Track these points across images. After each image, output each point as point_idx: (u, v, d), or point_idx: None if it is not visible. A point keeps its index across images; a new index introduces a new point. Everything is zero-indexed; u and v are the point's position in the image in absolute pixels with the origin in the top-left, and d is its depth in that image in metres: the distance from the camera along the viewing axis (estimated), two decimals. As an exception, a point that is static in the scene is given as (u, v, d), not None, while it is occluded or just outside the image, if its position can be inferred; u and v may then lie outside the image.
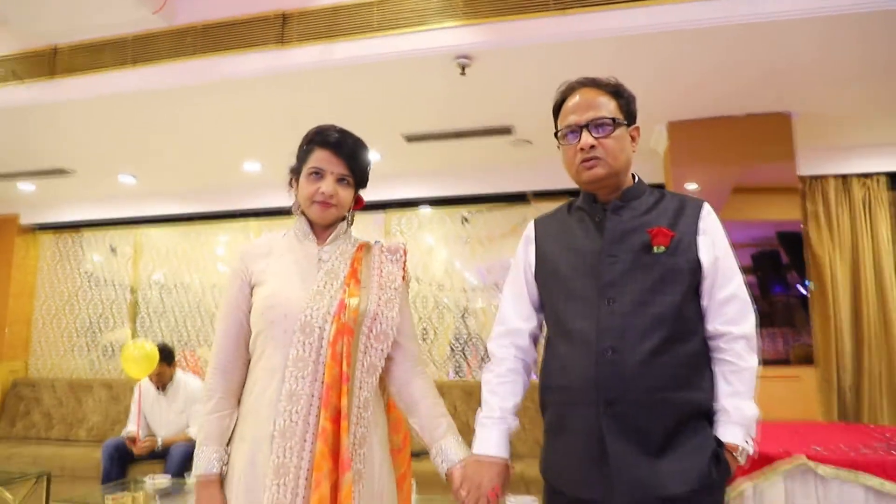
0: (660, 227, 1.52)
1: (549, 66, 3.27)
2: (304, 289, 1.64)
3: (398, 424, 1.81)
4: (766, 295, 4.11)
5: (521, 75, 3.40)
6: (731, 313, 1.53)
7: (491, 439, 1.59)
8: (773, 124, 3.88)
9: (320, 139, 1.70)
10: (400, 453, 1.80)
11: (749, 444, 1.49)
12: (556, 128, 1.66)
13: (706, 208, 1.58)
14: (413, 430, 1.75)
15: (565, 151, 1.62)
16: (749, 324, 1.54)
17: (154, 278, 5.84)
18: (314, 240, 1.74)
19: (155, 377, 4.39)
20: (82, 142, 4.41)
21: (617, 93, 1.61)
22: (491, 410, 1.62)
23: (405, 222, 5.38)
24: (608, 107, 1.58)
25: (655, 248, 1.51)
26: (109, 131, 4.19)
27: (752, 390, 1.52)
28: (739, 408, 1.49)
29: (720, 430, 1.49)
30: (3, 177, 5.10)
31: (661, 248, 1.51)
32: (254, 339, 1.65)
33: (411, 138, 4.32)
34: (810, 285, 4.22)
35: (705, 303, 1.54)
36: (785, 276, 4.10)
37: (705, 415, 1.51)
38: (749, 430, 1.50)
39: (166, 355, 4.41)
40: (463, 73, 3.14)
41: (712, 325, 1.54)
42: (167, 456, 4.24)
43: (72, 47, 3.52)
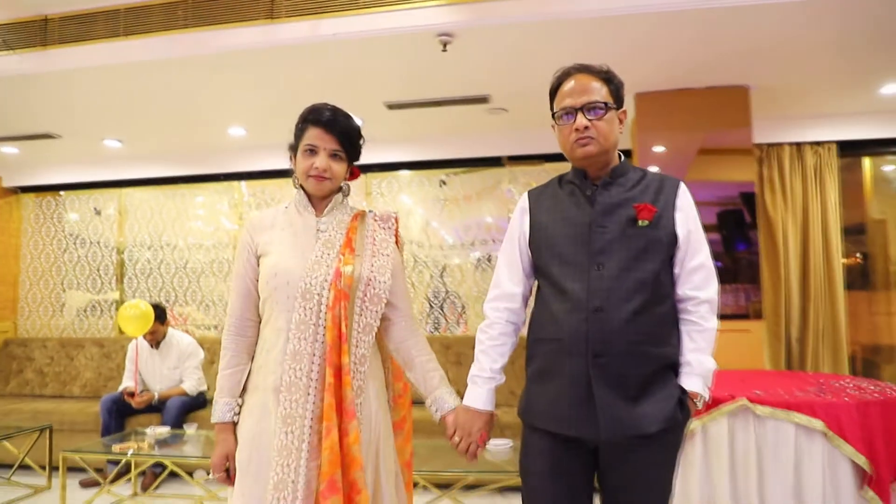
0: (644, 203, 1.69)
1: (525, 42, 3.46)
2: (303, 258, 1.78)
3: (398, 373, 1.99)
4: (729, 251, 4.37)
5: (499, 51, 3.57)
6: (698, 280, 1.72)
7: (481, 395, 1.80)
8: (732, 96, 4.15)
9: (313, 118, 1.82)
10: (401, 398, 2.00)
11: (706, 392, 1.71)
12: (551, 108, 1.81)
13: (682, 187, 1.76)
14: (410, 381, 1.95)
15: (561, 130, 1.77)
16: (713, 290, 1.74)
17: (139, 239, 5.95)
18: (313, 211, 1.88)
19: (149, 335, 4.57)
20: (70, 108, 4.46)
21: (608, 79, 1.76)
22: (482, 370, 1.82)
23: (385, 185, 5.57)
24: (601, 92, 1.72)
25: (640, 222, 1.67)
26: (98, 99, 4.26)
27: (712, 347, 1.73)
28: (701, 362, 1.70)
29: (684, 380, 1.70)
30: (-13, 140, 5.14)
31: (645, 222, 1.67)
32: (262, 304, 1.81)
33: (392, 106, 4.47)
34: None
35: (677, 270, 1.73)
36: (748, 234, 4.35)
37: (672, 367, 1.71)
38: (707, 381, 1.72)
39: (159, 314, 4.59)
40: (444, 50, 3.32)
41: (682, 289, 1.73)
42: (163, 409, 4.47)
43: (63, 17, 3.59)
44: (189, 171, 5.74)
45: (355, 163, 1.92)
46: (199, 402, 4.67)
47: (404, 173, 5.51)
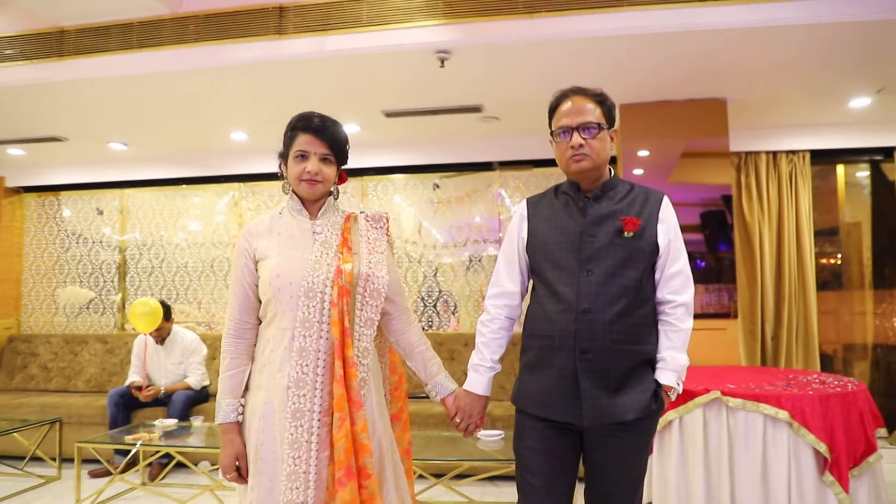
0: (630, 216, 1.86)
1: (517, 59, 3.67)
2: (303, 259, 1.84)
3: (394, 367, 2.11)
4: (712, 251, 4.58)
5: (492, 66, 3.79)
6: (676, 285, 1.91)
7: (481, 382, 2.01)
8: (710, 108, 4.39)
9: (303, 125, 1.88)
10: (396, 391, 2.11)
11: (679, 386, 1.91)
12: (549, 126, 1.98)
13: (665, 201, 1.93)
14: (410, 370, 2.07)
15: (558, 146, 1.94)
16: (689, 294, 1.92)
17: (141, 239, 6.10)
18: (307, 215, 1.94)
19: (154, 332, 4.77)
20: (79, 113, 4.61)
21: (602, 101, 1.93)
22: (483, 360, 2.02)
23: (381, 188, 5.77)
24: (595, 113, 1.90)
25: (626, 233, 1.84)
26: (107, 105, 4.42)
27: (686, 345, 1.92)
28: (675, 358, 1.89)
29: (659, 375, 1.89)
30: (-4, 143, 5.29)
31: (630, 234, 1.84)
32: (264, 306, 1.87)
33: (390, 114, 4.67)
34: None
35: (658, 276, 1.91)
36: (730, 236, 4.58)
37: (649, 362, 1.89)
38: (680, 376, 1.90)
39: (165, 311, 4.79)
40: (442, 66, 3.53)
41: (661, 293, 1.91)
42: (169, 403, 4.65)
43: (78, 29, 3.76)
44: (191, 172, 5.91)
45: (344, 167, 2.00)
46: (202, 395, 4.86)
47: (400, 177, 5.72)
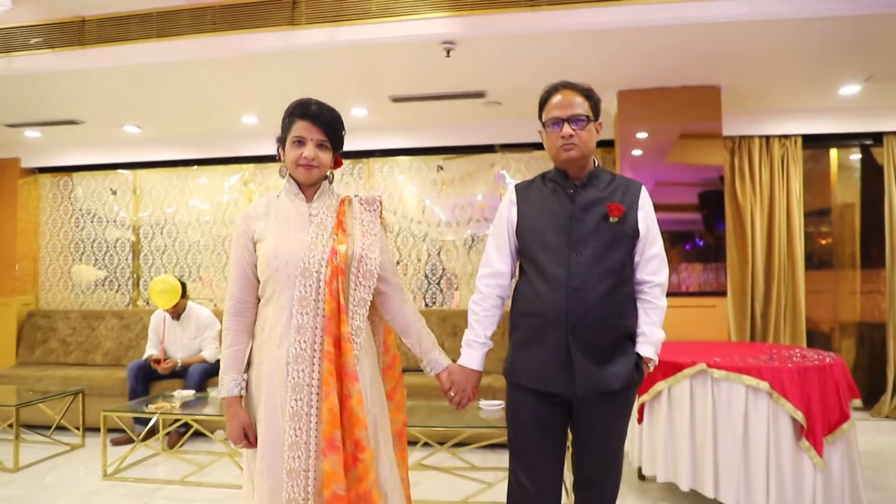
0: (615, 202, 2.00)
1: (520, 49, 3.84)
2: (300, 240, 1.91)
3: (387, 347, 2.16)
4: (710, 230, 4.76)
5: (495, 55, 3.96)
6: (653, 267, 2.06)
7: (475, 357, 2.12)
8: (704, 95, 4.57)
9: (301, 111, 1.93)
10: (390, 371, 2.16)
11: (656, 358, 2.07)
12: (540, 117, 2.10)
13: (643, 190, 2.08)
14: (405, 346, 2.14)
15: (549, 136, 2.06)
16: (665, 275, 2.08)
17: (153, 218, 6.29)
18: (303, 198, 2.00)
19: (171, 308, 5.01)
20: (97, 99, 4.78)
21: (589, 95, 2.06)
22: (476, 336, 2.13)
23: (387, 169, 5.95)
24: (583, 106, 2.02)
25: (611, 219, 1.98)
26: (125, 92, 4.59)
27: (662, 321, 2.08)
28: (654, 333, 2.05)
29: (640, 347, 2.05)
30: (14, 126, 5.45)
31: (615, 219, 1.99)
32: (263, 285, 1.93)
33: (397, 99, 4.83)
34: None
35: (637, 258, 2.06)
36: (724, 216, 4.73)
37: (630, 337, 2.05)
38: (657, 349, 2.07)
39: (181, 288, 5.02)
40: (448, 56, 3.70)
41: (640, 274, 2.06)
42: (185, 375, 4.89)
43: (99, 19, 3.92)
44: (202, 154, 6.07)
45: (340, 152, 2.06)
46: (217, 368, 5.06)
47: (405, 158, 5.89)
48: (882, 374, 5.30)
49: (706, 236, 4.76)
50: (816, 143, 5.38)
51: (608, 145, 5.19)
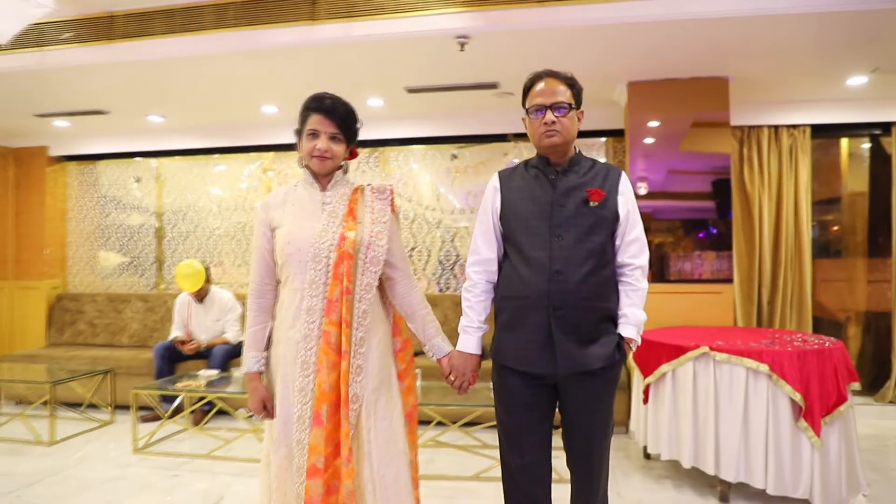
0: (595, 188, 2.04)
1: (531, 42, 3.94)
2: (312, 227, 2.02)
3: (397, 329, 2.24)
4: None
5: (508, 48, 4.06)
6: (633, 250, 2.10)
7: (471, 342, 2.17)
8: (713, 86, 4.65)
9: (315, 105, 2.03)
10: (401, 353, 2.23)
11: (638, 339, 2.10)
12: (524, 104, 2.14)
13: (623, 176, 2.12)
14: (411, 331, 2.24)
15: (532, 123, 2.10)
16: (644, 258, 2.12)
17: (176, 205, 6.48)
18: (318, 187, 2.11)
19: (195, 291, 5.21)
20: (124, 91, 4.94)
21: (571, 84, 2.10)
22: (471, 322, 2.18)
23: (402, 157, 6.07)
24: (566, 94, 2.06)
25: (591, 203, 2.03)
26: (150, 84, 4.75)
27: (643, 303, 2.11)
28: (635, 314, 2.08)
29: (622, 328, 2.08)
30: (44, 116, 5.65)
31: (595, 203, 2.03)
32: (280, 269, 2.06)
33: (412, 90, 4.96)
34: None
35: (618, 242, 2.10)
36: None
37: (611, 318, 2.09)
38: (639, 330, 2.10)
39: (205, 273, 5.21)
40: (462, 50, 3.82)
41: (621, 257, 2.11)
42: (209, 356, 5.09)
43: (127, 14, 4.07)
44: (223, 142, 6.23)
45: (353, 143, 2.16)
46: (240, 349, 5.28)
47: (420, 147, 6.02)
48: (887, 361, 5.39)
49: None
50: (826, 133, 5.44)
51: (618, 135, 5.28)
